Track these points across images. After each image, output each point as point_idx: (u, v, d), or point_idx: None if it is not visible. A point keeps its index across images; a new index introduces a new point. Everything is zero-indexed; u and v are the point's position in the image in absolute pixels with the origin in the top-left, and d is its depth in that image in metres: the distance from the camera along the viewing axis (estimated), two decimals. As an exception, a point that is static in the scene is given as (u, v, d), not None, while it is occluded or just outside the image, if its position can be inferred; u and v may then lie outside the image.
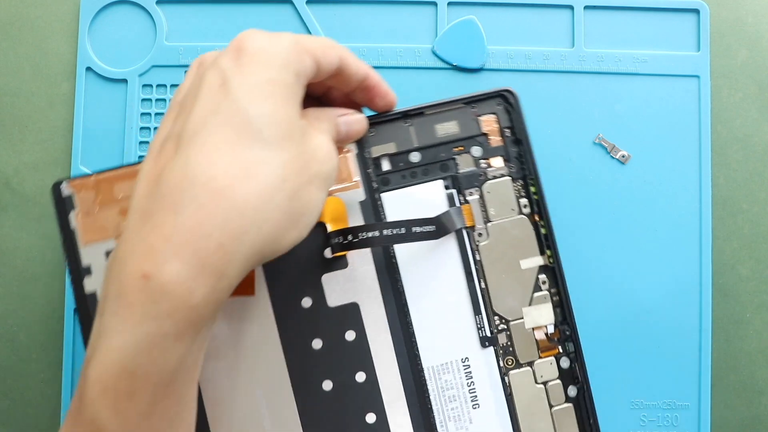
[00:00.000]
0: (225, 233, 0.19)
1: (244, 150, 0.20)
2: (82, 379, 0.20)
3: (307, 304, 0.29)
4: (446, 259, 0.31)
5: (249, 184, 0.19)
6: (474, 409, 0.31)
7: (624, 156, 0.35)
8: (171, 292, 0.19)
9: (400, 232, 0.28)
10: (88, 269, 0.29)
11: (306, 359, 0.29)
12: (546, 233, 0.31)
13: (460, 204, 0.31)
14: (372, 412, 0.29)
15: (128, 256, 0.19)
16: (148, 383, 0.19)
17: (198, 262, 0.19)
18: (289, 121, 0.21)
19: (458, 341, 0.31)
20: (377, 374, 0.29)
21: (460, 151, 0.31)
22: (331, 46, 0.23)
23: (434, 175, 0.31)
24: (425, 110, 0.31)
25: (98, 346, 0.19)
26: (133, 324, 0.19)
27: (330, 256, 0.29)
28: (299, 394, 0.29)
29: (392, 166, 0.31)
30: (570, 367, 0.31)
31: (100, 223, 0.29)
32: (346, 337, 0.29)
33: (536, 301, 0.31)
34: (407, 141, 0.31)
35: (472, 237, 0.31)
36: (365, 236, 0.27)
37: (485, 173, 0.31)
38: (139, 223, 0.20)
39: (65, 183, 0.29)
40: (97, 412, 0.19)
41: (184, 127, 0.20)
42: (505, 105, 0.31)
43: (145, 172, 0.21)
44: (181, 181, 0.19)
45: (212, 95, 0.21)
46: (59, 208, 0.29)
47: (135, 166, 0.29)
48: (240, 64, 0.21)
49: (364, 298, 0.29)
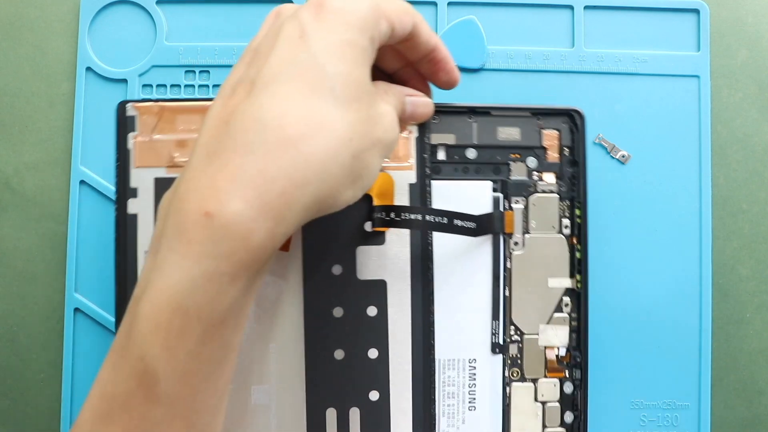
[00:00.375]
0: (290, 181, 0.19)
1: (317, 104, 0.20)
2: (130, 315, 0.20)
3: (337, 272, 0.29)
4: (479, 259, 0.31)
5: (318, 137, 0.20)
6: (470, 411, 0.31)
7: (624, 156, 0.35)
8: (232, 233, 0.19)
9: (442, 222, 0.28)
10: (135, 191, 0.29)
11: (324, 325, 0.29)
12: (580, 258, 0.31)
13: (504, 209, 0.31)
14: (376, 390, 0.29)
15: (191, 194, 0.19)
16: (200, 323, 0.19)
17: (261, 205, 0.19)
18: (360, 83, 0.21)
19: (471, 341, 0.31)
20: (390, 354, 0.29)
21: (516, 158, 0.31)
22: (406, 12, 0.23)
23: (485, 175, 0.31)
24: (492, 110, 0.31)
25: (152, 282, 0.19)
26: (192, 261, 0.19)
27: (369, 230, 0.29)
28: (310, 356, 0.29)
29: (447, 157, 0.31)
30: (572, 393, 0.31)
31: (155, 149, 0.29)
32: (368, 312, 0.29)
33: (555, 321, 0.31)
34: (467, 136, 0.31)
35: (507, 244, 0.31)
36: (408, 217, 0.28)
37: (535, 185, 0.32)
38: (204, 161, 0.20)
39: (131, 104, 0.30)
40: (147, 349, 0.19)
41: (259, 72, 0.21)
42: (571, 124, 0.32)
43: (215, 113, 0.21)
44: (253, 124, 0.20)
45: (290, 45, 0.21)
46: (120, 126, 0.30)
47: (199, 101, 0.30)
48: (320, 19, 0.21)
49: (393, 277, 0.30)
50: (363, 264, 0.30)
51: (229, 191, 0.19)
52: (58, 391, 0.35)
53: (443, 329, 0.31)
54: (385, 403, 0.30)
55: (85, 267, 0.35)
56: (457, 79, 0.27)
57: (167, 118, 0.30)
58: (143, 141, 0.29)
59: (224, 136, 0.20)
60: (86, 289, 0.35)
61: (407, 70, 0.27)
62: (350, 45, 0.21)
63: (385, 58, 0.27)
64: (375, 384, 0.29)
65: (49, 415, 0.35)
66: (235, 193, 0.19)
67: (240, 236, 0.19)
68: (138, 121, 0.29)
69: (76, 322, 0.35)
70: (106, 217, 0.35)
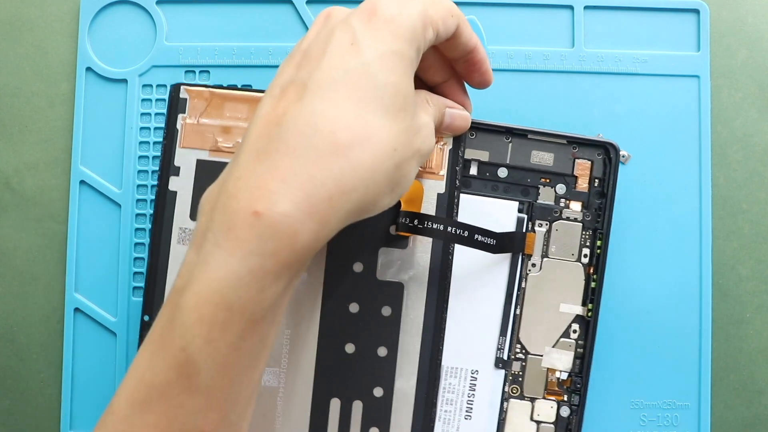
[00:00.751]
0: (337, 187, 0.20)
1: (367, 113, 0.21)
2: (171, 305, 0.21)
3: (358, 269, 0.30)
4: (495, 274, 0.32)
5: (366, 146, 0.21)
6: (465, 420, 0.32)
7: (624, 156, 0.35)
8: (279, 233, 0.19)
9: (463, 235, 0.29)
10: (177, 170, 0.31)
11: (339, 318, 0.30)
12: (595, 288, 0.31)
13: (526, 230, 0.32)
14: (381, 387, 0.30)
15: (240, 192, 0.20)
16: (243, 317, 0.20)
17: (308, 207, 0.20)
18: (407, 94, 0.22)
19: (476, 353, 0.32)
20: (398, 354, 0.30)
21: (545, 182, 0.32)
22: (452, 14, 0.24)
23: (513, 196, 0.32)
24: (529, 133, 0.32)
25: (197, 276, 0.20)
26: (239, 258, 0.19)
27: (394, 233, 0.30)
28: (322, 346, 0.30)
29: (479, 173, 0.32)
30: (568, 417, 0.32)
31: (201, 132, 0.31)
32: (383, 311, 0.30)
33: (561, 345, 0.32)
34: (501, 155, 0.32)
35: (525, 264, 0.32)
36: (431, 226, 0.28)
37: (560, 212, 0.32)
38: (254, 161, 0.20)
39: (184, 87, 0.31)
40: (190, 341, 0.20)
41: (311, 75, 0.21)
42: (605, 157, 0.32)
43: (265, 112, 0.21)
44: (305, 128, 0.20)
45: (342, 52, 0.21)
46: (171, 107, 0.31)
47: (249, 91, 0.31)
48: (372, 28, 0.21)
49: (411, 282, 0.30)
50: (384, 265, 0.30)
51: (278, 192, 0.19)
52: (58, 391, 0.35)
53: (451, 337, 0.31)
54: (387, 400, 0.30)
55: (85, 267, 0.35)
56: (490, 81, 0.28)
57: (216, 104, 0.31)
58: (191, 123, 0.31)
59: (275, 137, 0.20)
60: (86, 289, 0.35)
61: (451, 84, 0.28)
62: (400, 56, 0.22)
63: (430, 71, 0.27)
64: (381, 381, 0.30)
65: (49, 415, 0.35)
66: (284, 194, 0.19)
67: (286, 236, 0.19)
68: (189, 104, 0.31)
69: (76, 322, 0.35)
70: (106, 216, 0.35)
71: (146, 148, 0.35)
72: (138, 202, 0.35)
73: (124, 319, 0.35)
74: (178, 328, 0.20)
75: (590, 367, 0.31)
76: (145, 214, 0.35)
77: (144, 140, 0.35)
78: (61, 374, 0.35)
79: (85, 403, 0.35)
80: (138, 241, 0.35)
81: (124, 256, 0.35)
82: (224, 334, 0.20)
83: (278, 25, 0.36)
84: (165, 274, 0.31)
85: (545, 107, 0.35)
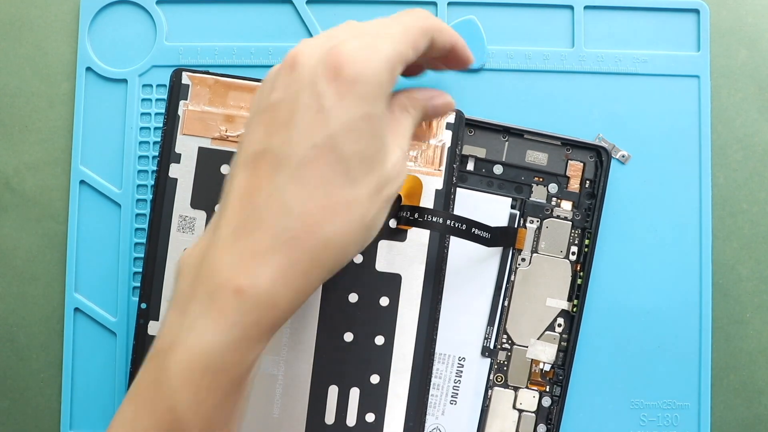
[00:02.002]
0: (312, 262, 0.22)
1: (335, 190, 0.22)
2: (156, 366, 0.22)
3: (357, 260, 0.31)
4: (486, 267, 0.33)
5: (336, 221, 0.22)
6: (450, 404, 0.33)
7: (624, 156, 0.35)
8: (260, 304, 0.21)
9: (461, 228, 0.30)
10: (178, 157, 0.31)
11: (339, 307, 0.31)
12: (581, 284, 0.33)
13: (518, 226, 0.33)
14: (377, 374, 0.31)
15: (222, 267, 0.21)
16: (227, 378, 0.21)
17: (285, 282, 0.21)
18: (375, 153, 0.23)
19: (463, 341, 0.33)
20: (395, 343, 0.31)
21: (538, 181, 0.33)
22: (424, 33, 0.24)
23: (507, 192, 0.33)
24: (525, 133, 0.33)
25: (183, 340, 0.21)
26: (224, 328, 0.21)
27: (393, 227, 0.31)
28: (321, 335, 0.31)
29: (475, 169, 0.33)
30: (549, 407, 0.33)
31: (204, 120, 0.31)
32: (381, 301, 0.31)
33: (545, 338, 0.33)
34: (498, 153, 0.33)
35: (515, 258, 0.33)
36: (430, 219, 0.30)
37: (551, 210, 0.33)
38: (232, 236, 0.22)
39: (186, 73, 0.31)
40: (178, 402, 0.21)
41: (282, 150, 0.22)
42: (597, 160, 0.33)
43: (239, 186, 0.22)
44: (279, 209, 0.21)
45: (310, 121, 0.22)
46: (173, 93, 0.31)
47: (251, 81, 0.31)
48: (337, 92, 0.21)
49: (408, 273, 0.32)
50: (383, 257, 0.31)
51: (257, 270, 0.21)
52: (58, 391, 0.35)
53: (441, 325, 0.33)
54: (383, 387, 0.31)
55: (85, 267, 0.35)
56: (469, 63, 0.28)
57: (219, 92, 0.31)
58: (193, 110, 0.31)
59: (251, 215, 0.22)
60: (86, 289, 0.35)
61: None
62: (366, 119, 0.22)
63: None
64: (377, 368, 0.31)
65: (49, 415, 0.35)
66: (263, 272, 0.21)
67: (267, 307, 0.21)
68: (191, 91, 0.31)
69: (76, 322, 0.35)
70: (106, 216, 0.35)
71: (146, 148, 0.35)
72: (138, 202, 0.35)
73: (124, 319, 0.35)
74: (166, 389, 0.21)
75: (573, 360, 0.32)
76: (145, 215, 0.35)
77: (144, 140, 0.35)
78: (61, 374, 0.35)
79: (85, 403, 0.35)
80: (138, 241, 0.35)
81: (124, 256, 0.35)
82: (210, 395, 0.21)
83: (278, 25, 0.36)
84: (164, 262, 0.31)
85: (545, 107, 0.35)
